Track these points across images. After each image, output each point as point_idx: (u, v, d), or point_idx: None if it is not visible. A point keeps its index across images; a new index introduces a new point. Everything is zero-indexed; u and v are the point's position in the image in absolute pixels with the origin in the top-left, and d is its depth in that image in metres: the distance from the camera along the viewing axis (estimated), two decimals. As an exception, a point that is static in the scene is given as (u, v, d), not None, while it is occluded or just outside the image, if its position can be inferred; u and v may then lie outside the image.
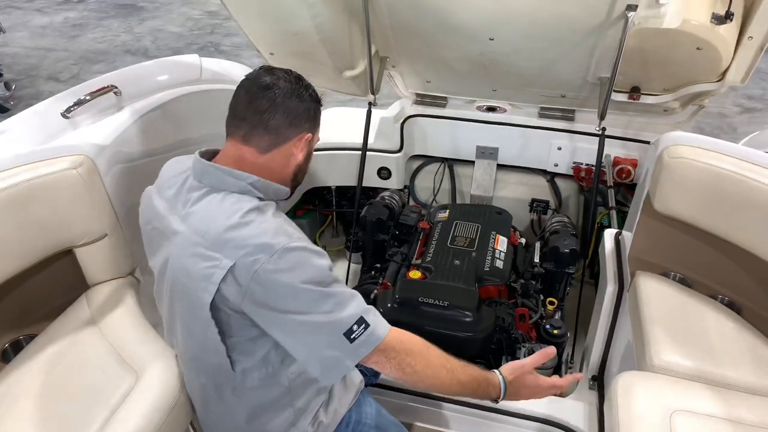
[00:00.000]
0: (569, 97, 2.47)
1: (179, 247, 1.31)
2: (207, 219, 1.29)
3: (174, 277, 1.36)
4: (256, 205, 1.30)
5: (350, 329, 1.24)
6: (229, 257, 1.22)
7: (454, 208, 2.57)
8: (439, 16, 2.03)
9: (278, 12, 2.07)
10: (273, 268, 1.20)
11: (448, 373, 1.36)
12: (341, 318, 1.24)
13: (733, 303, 1.84)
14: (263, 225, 1.25)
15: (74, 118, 1.92)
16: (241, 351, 1.36)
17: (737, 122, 5.14)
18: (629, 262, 2.00)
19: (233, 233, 1.24)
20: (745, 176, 1.63)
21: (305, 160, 1.44)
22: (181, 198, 1.36)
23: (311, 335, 1.25)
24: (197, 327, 1.34)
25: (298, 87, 1.36)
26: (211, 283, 1.24)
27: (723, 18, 1.87)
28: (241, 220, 1.25)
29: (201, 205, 1.32)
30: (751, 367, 1.61)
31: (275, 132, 1.34)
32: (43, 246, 1.71)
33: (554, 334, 2.07)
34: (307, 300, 1.22)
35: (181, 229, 1.32)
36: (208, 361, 1.39)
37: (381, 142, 2.74)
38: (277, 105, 1.32)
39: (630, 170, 2.53)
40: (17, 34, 7.22)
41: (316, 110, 1.41)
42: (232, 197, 1.31)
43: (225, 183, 1.33)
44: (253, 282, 1.21)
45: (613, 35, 1.89)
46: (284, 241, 1.22)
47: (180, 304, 1.38)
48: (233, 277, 1.23)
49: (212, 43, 6.98)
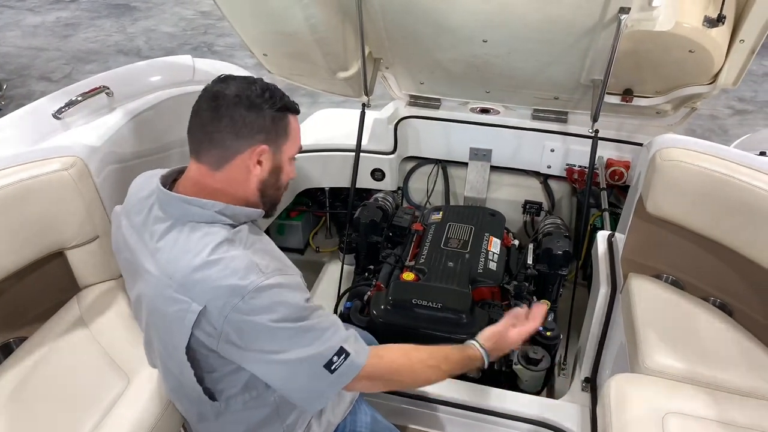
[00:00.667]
0: (562, 99, 2.47)
1: (152, 288, 1.25)
2: (174, 259, 1.20)
3: (149, 317, 1.32)
4: (225, 237, 1.20)
5: (330, 360, 1.20)
6: (198, 301, 1.16)
7: (448, 209, 2.57)
8: (432, 17, 2.03)
9: (272, 13, 2.06)
10: (246, 309, 1.14)
11: (434, 370, 1.39)
12: (320, 351, 1.20)
13: (725, 305, 1.85)
14: (233, 263, 1.16)
15: (65, 119, 1.90)
16: (224, 382, 1.32)
17: (728, 124, 5.17)
18: (622, 264, 2.00)
19: (200, 274, 1.16)
20: (737, 179, 1.64)
21: (270, 175, 1.30)
22: (147, 229, 1.28)
23: (291, 371, 1.21)
24: (174, 366, 1.30)
25: (251, 95, 1.22)
26: (184, 327, 1.18)
27: (715, 21, 1.87)
28: (209, 258, 1.17)
29: (168, 240, 1.23)
30: (743, 369, 1.62)
31: (221, 145, 1.23)
32: (33, 248, 1.70)
33: (547, 335, 2.07)
34: (283, 338, 1.18)
35: (151, 269, 1.24)
36: (188, 394, 1.36)
37: (374, 144, 2.73)
38: (220, 116, 1.21)
39: (623, 172, 2.53)
40: (9, 33, 7.18)
41: (276, 119, 1.26)
42: (199, 230, 1.22)
43: (190, 214, 1.23)
44: (227, 325, 1.16)
45: (606, 38, 1.90)
46: (255, 280, 1.15)
47: (157, 341, 1.34)
48: (206, 320, 1.17)
49: (205, 43, 6.96)
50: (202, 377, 1.30)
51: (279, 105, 1.25)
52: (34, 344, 1.69)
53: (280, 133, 1.28)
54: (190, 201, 1.23)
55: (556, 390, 2.25)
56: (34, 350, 1.66)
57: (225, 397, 1.34)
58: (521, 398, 1.94)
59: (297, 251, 3.13)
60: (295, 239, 3.10)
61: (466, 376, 2.12)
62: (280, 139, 1.28)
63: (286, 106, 1.27)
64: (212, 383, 1.32)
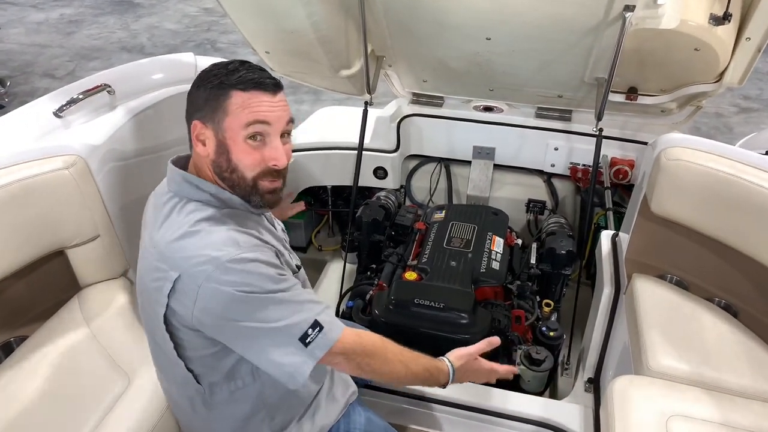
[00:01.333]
0: (566, 98, 2.46)
1: (142, 258, 1.28)
2: (162, 229, 1.23)
3: (139, 288, 1.33)
4: (211, 215, 1.23)
5: (305, 333, 1.21)
6: (174, 269, 1.18)
7: (451, 208, 2.55)
8: (435, 15, 2.01)
9: (274, 10, 2.05)
10: (219, 279, 1.15)
11: (403, 367, 1.39)
12: (295, 323, 1.21)
13: (730, 306, 1.83)
14: (211, 236, 1.19)
15: (67, 117, 1.90)
16: (204, 365, 1.32)
17: (734, 122, 5.14)
18: (626, 264, 1.99)
19: (179, 243, 1.19)
20: (742, 179, 1.62)
21: (218, 155, 1.25)
22: (157, 204, 1.31)
23: (266, 342, 1.21)
24: (159, 339, 1.31)
25: (205, 74, 1.25)
26: (161, 296, 1.20)
27: (721, 19, 1.86)
28: (189, 229, 1.20)
29: (163, 212, 1.26)
30: (748, 372, 1.60)
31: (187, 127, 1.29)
32: (34, 247, 1.70)
33: (550, 336, 2.06)
34: (257, 308, 1.18)
35: (146, 239, 1.28)
36: (175, 373, 1.35)
37: (377, 142, 2.72)
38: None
39: (627, 171, 2.52)
40: (12, 30, 7.18)
41: (210, 96, 1.23)
42: (191, 206, 1.25)
43: (186, 191, 1.27)
44: (200, 295, 1.16)
45: (610, 36, 1.88)
46: (231, 252, 1.17)
47: (144, 315, 1.35)
48: (181, 289, 1.18)
49: (209, 40, 6.95)
50: (183, 356, 1.30)
51: (220, 80, 1.22)
52: (35, 344, 1.68)
53: (217, 108, 1.22)
54: (189, 179, 1.27)
55: (560, 390, 2.24)
56: (34, 350, 1.66)
57: (208, 383, 1.34)
58: (523, 399, 1.93)
59: (299, 249, 3.12)
60: (298, 237, 3.09)
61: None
62: (217, 114, 1.22)
63: (229, 82, 1.22)
64: (193, 365, 1.32)
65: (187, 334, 1.26)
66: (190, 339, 1.27)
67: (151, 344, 1.40)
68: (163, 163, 2.21)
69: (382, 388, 1.97)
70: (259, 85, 1.23)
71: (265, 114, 1.23)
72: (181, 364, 1.31)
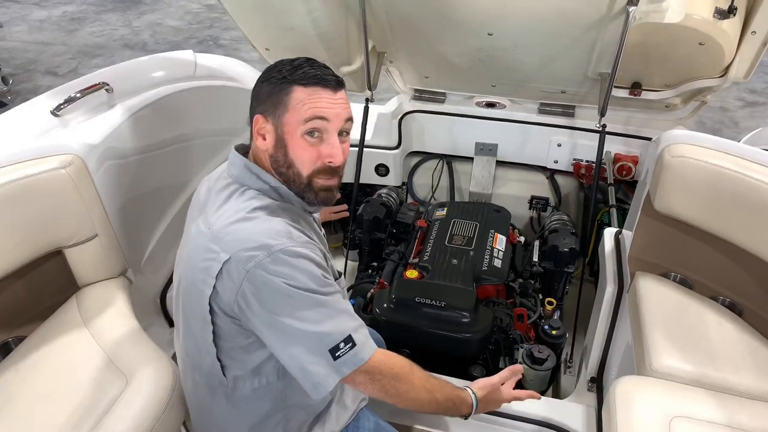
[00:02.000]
0: (569, 93, 2.43)
1: (192, 237, 1.29)
2: (217, 212, 1.25)
3: (184, 268, 1.32)
4: (269, 205, 1.26)
5: (336, 346, 1.20)
6: (225, 251, 1.18)
7: (452, 206, 2.53)
8: (436, 10, 1.99)
9: (273, 7, 2.03)
10: (269, 267, 1.16)
11: (428, 394, 1.36)
12: (328, 331, 1.20)
13: (735, 305, 1.81)
14: (267, 224, 1.21)
15: (64, 116, 1.88)
16: (233, 357, 1.32)
17: (739, 116, 5.10)
18: (629, 262, 1.96)
19: (234, 227, 1.20)
20: (747, 175, 1.59)
21: (276, 150, 1.27)
22: (214, 187, 1.34)
23: (297, 343, 1.21)
24: (195, 323, 1.31)
25: (271, 69, 1.28)
26: (209, 276, 1.20)
27: (726, 12, 1.83)
28: (248, 215, 1.22)
29: (221, 196, 1.29)
30: (752, 372, 1.58)
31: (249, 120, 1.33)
32: (31, 247, 1.68)
33: (552, 334, 2.04)
34: (296, 305, 1.18)
35: (200, 220, 1.29)
36: (203, 360, 1.35)
37: (379, 139, 2.70)
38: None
39: (631, 167, 2.49)
40: (15, 28, 7.17)
41: (274, 90, 1.24)
42: (249, 193, 1.28)
43: (247, 179, 1.30)
44: (246, 280, 1.17)
45: (613, 30, 1.86)
46: (285, 242, 1.18)
47: (184, 297, 1.34)
48: (227, 272, 1.19)
49: (211, 36, 6.93)
50: (216, 344, 1.30)
51: (284, 75, 1.24)
52: (33, 344, 1.67)
53: (278, 103, 1.24)
54: (251, 167, 1.29)
55: (563, 389, 2.22)
56: (32, 350, 1.64)
57: (233, 376, 1.34)
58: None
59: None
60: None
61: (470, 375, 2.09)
62: (278, 109, 1.24)
63: (293, 78, 1.23)
64: (222, 354, 1.32)
65: (225, 321, 1.26)
66: (226, 326, 1.27)
67: (184, 329, 1.39)
68: (163, 161, 2.23)
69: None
70: (321, 81, 1.24)
71: (324, 110, 1.24)
72: (213, 352, 1.30)
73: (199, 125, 2.35)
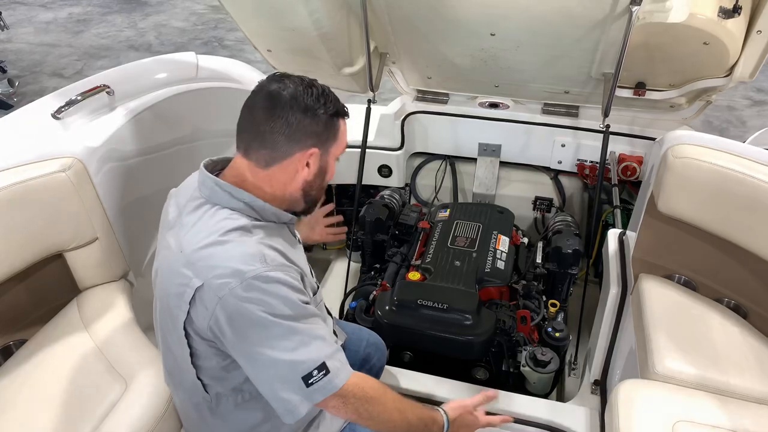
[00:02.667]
0: (573, 93, 2.42)
1: (166, 260, 1.27)
2: (190, 234, 1.23)
3: (159, 290, 1.31)
4: (244, 225, 1.23)
5: (309, 374, 1.20)
6: (198, 277, 1.17)
7: (455, 207, 2.52)
8: (438, 11, 1.98)
9: (275, 8, 2.03)
10: (240, 295, 1.15)
11: (400, 414, 1.35)
12: (302, 359, 1.19)
13: (740, 306, 1.79)
14: (241, 248, 1.19)
15: (65, 119, 1.88)
16: (213, 377, 1.31)
17: (746, 115, 5.05)
18: (633, 264, 1.95)
19: (207, 251, 1.18)
20: (751, 176, 1.58)
21: (316, 177, 1.32)
22: (185, 207, 1.30)
23: (270, 371, 1.20)
24: (173, 344, 1.30)
25: (306, 97, 1.23)
26: (183, 302, 1.19)
27: (731, 12, 1.82)
28: (221, 238, 1.19)
29: (192, 217, 1.26)
30: (757, 375, 1.56)
31: (272, 146, 1.25)
32: (32, 250, 1.69)
33: (556, 336, 2.02)
34: (269, 333, 1.18)
35: (171, 242, 1.26)
36: (184, 379, 1.35)
37: (382, 140, 2.69)
38: (275, 117, 1.22)
39: (635, 167, 2.47)
40: (21, 30, 7.20)
41: (327, 124, 1.27)
42: (223, 213, 1.25)
43: (219, 198, 1.26)
44: (219, 308, 1.16)
45: (617, 30, 1.84)
46: (258, 268, 1.16)
47: (161, 319, 1.33)
48: (200, 298, 1.18)
49: (216, 38, 6.94)
50: (195, 364, 1.29)
51: (332, 110, 1.27)
52: (33, 348, 1.67)
53: (330, 137, 1.30)
54: (223, 186, 1.26)
55: (567, 391, 2.20)
56: (32, 354, 1.65)
57: (215, 393, 1.34)
58: (528, 401, 1.90)
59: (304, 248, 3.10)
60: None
61: (473, 378, 2.08)
62: (330, 142, 1.30)
63: (339, 111, 1.29)
64: (203, 374, 1.31)
65: (201, 344, 1.25)
66: (203, 349, 1.26)
67: (163, 348, 1.38)
68: (164, 163, 2.22)
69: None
70: (347, 114, 1.35)
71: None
72: (193, 372, 1.30)
73: (200, 127, 2.35)
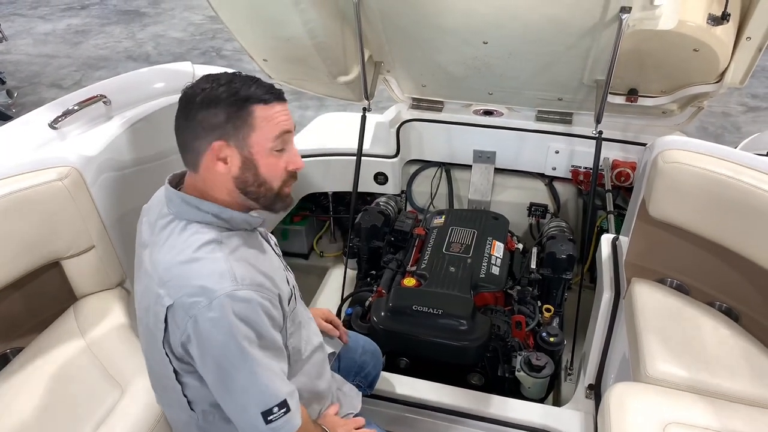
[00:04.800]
0: (566, 100, 2.44)
1: (142, 280, 1.27)
2: (162, 252, 1.22)
3: (138, 310, 1.31)
4: (214, 238, 1.21)
5: (270, 410, 1.20)
6: (169, 296, 1.16)
7: (450, 213, 2.54)
8: (431, 20, 2.00)
9: (270, 18, 2.05)
10: (210, 315, 1.14)
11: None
12: (263, 392, 1.20)
13: (731, 310, 1.80)
14: (212, 265, 1.17)
15: (62, 128, 1.90)
16: (195, 394, 1.31)
17: (741, 121, 5.08)
18: (626, 268, 1.96)
19: (178, 270, 1.17)
20: (740, 181, 1.59)
21: (244, 171, 1.24)
22: (156, 224, 1.29)
23: (232, 398, 1.21)
24: (156, 363, 1.30)
25: (208, 92, 1.19)
26: (159, 321, 1.19)
27: (719, 19, 1.84)
28: (192, 255, 1.18)
29: (162, 235, 1.24)
30: (748, 377, 1.57)
31: (188, 149, 1.23)
32: (28, 259, 1.70)
33: (551, 341, 2.04)
34: (234, 361, 1.17)
35: (146, 260, 1.26)
36: (170, 397, 1.35)
37: (377, 147, 2.71)
38: (184, 117, 1.21)
39: (629, 173, 2.49)
40: (20, 41, 7.25)
41: (232, 113, 1.19)
42: (192, 227, 1.23)
43: (188, 212, 1.24)
44: (190, 325, 1.15)
45: (607, 37, 1.87)
46: (228, 286, 1.15)
47: (144, 338, 1.33)
48: (172, 317, 1.17)
49: (214, 48, 6.98)
50: (180, 381, 1.29)
51: (236, 97, 1.19)
52: (30, 355, 1.68)
53: (240, 125, 1.20)
54: (189, 200, 1.24)
55: (563, 396, 2.21)
56: (29, 362, 1.66)
57: (200, 410, 1.33)
58: (523, 405, 1.91)
59: (301, 256, 3.12)
60: (299, 244, 3.09)
61: (468, 383, 2.09)
62: (241, 131, 1.20)
63: (246, 96, 1.20)
64: (188, 391, 1.30)
65: (176, 362, 1.25)
66: (179, 366, 1.26)
67: (148, 368, 1.38)
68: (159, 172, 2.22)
69: (381, 396, 1.96)
70: (276, 96, 1.24)
71: (287, 123, 1.25)
72: (178, 390, 1.29)
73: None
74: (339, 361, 1.77)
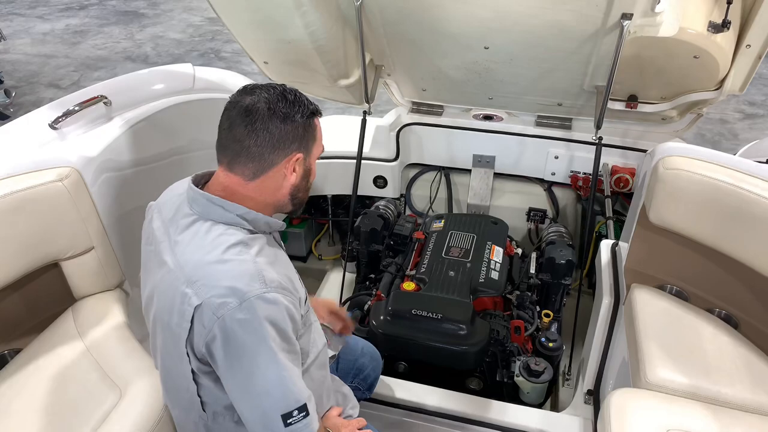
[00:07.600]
0: (566, 106, 2.44)
1: (164, 279, 1.26)
2: (188, 252, 1.23)
3: (157, 309, 1.31)
4: (241, 239, 1.23)
5: (290, 413, 1.20)
6: (198, 295, 1.17)
7: (450, 218, 2.54)
8: (433, 24, 2.01)
9: (272, 21, 2.05)
10: (239, 317, 1.15)
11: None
12: (285, 394, 1.20)
13: (731, 317, 1.81)
14: (241, 266, 1.19)
15: (62, 129, 1.89)
16: (210, 395, 1.31)
17: (738, 128, 5.10)
18: (625, 274, 1.96)
19: (207, 270, 1.19)
20: (740, 188, 1.60)
21: (302, 180, 1.33)
22: (174, 223, 1.30)
23: (252, 401, 1.21)
24: (172, 362, 1.29)
25: (282, 105, 1.25)
26: (184, 320, 1.19)
27: (720, 26, 1.84)
28: (221, 256, 1.20)
29: (187, 234, 1.25)
30: (747, 384, 1.58)
31: (258, 159, 1.25)
32: (28, 259, 1.69)
33: (549, 346, 2.04)
34: (259, 362, 1.18)
35: (169, 260, 1.26)
36: (181, 397, 1.35)
37: (377, 151, 2.71)
38: (257, 130, 1.23)
39: (628, 179, 2.50)
40: (19, 41, 7.22)
41: (306, 127, 1.28)
42: (218, 228, 1.24)
43: (213, 213, 1.26)
44: (217, 326, 1.16)
45: (608, 44, 1.87)
46: (258, 289, 1.16)
47: (161, 337, 1.33)
48: (199, 317, 1.18)
49: (213, 49, 6.97)
50: (196, 381, 1.29)
51: (308, 113, 1.29)
52: (29, 356, 1.67)
53: (310, 138, 1.31)
54: (214, 200, 1.26)
55: (561, 401, 2.21)
56: (27, 363, 1.65)
57: (212, 412, 1.33)
58: (522, 411, 1.91)
59: (299, 259, 3.11)
60: (298, 247, 3.09)
61: (467, 388, 2.09)
62: (310, 143, 1.32)
63: (314, 111, 1.31)
64: (202, 391, 1.31)
65: (196, 362, 1.25)
66: (200, 367, 1.26)
67: (162, 367, 1.38)
68: (159, 173, 2.24)
69: (380, 400, 1.96)
70: (320, 112, 1.35)
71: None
72: (192, 390, 1.30)
73: (196, 138, 2.36)
74: (337, 362, 1.77)
